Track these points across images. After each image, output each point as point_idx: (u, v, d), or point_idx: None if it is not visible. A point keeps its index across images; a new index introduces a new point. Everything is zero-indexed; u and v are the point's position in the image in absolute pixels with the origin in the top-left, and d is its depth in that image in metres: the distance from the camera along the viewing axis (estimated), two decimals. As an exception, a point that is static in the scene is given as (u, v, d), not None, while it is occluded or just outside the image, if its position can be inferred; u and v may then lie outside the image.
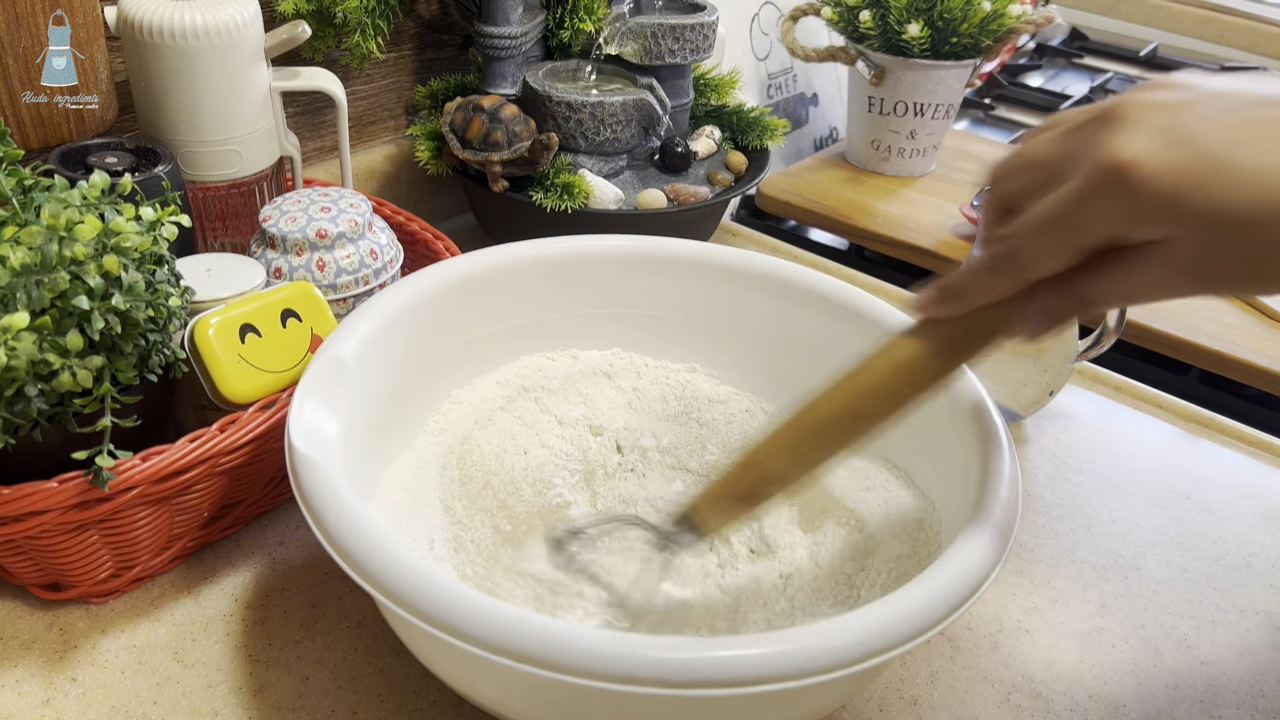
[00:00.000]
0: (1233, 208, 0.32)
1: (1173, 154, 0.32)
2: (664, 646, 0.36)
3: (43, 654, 0.50)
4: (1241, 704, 0.53)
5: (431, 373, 0.59)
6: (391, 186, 0.89)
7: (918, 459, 0.55)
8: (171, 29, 0.60)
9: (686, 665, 0.35)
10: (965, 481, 0.47)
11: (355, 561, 0.39)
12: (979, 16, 0.96)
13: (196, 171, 0.66)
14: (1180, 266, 0.33)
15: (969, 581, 0.40)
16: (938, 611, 0.38)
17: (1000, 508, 0.43)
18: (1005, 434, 0.48)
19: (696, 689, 0.35)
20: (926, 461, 0.54)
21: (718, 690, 0.35)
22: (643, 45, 0.83)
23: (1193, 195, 0.32)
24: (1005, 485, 0.44)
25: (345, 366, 0.50)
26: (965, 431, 0.49)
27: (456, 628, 0.36)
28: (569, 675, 0.35)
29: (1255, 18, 1.58)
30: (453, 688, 0.46)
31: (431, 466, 0.56)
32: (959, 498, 0.48)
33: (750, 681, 0.36)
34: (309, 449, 0.44)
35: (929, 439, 0.53)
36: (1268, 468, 0.71)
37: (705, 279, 0.63)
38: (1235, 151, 0.32)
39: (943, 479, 0.52)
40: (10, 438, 0.45)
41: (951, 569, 0.40)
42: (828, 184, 1.07)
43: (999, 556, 0.41)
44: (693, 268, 0.63)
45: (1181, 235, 0.33)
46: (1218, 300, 0.89)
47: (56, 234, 0.43)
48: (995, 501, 0.43)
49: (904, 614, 0.38)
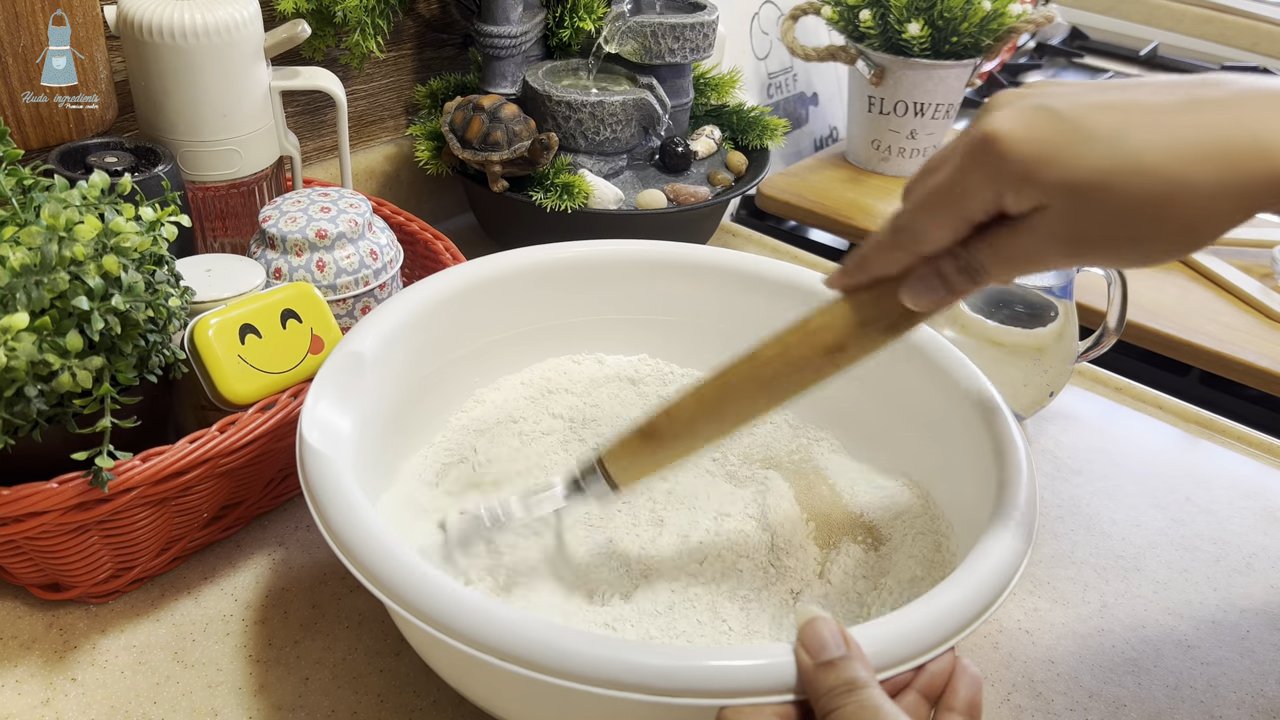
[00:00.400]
0: (1089, 173, 0.34)
1: (1033, 124, 0.35)
2: (657, 654, 0.36)
3: (43, 654, 0.50)
4: (1241, 704, 0.53)
5: (455, 371, 0.59)
6: (391, 186, 0.89)
7: (939, 479, 0.54)
8: (171, 28, 0.60)
9: (676, 673, 0.35)
10: (982, 500, 0.47)
11: (355, 557, 0.40)
12: (979, 16, 0.96)
13: (196, 171, 0.66)
14: (1056, 233, 0.36)
15: (973, 604, 0.40)
16: (940, 632, 0.38)
17: (1012, 534, 0.43)
18: (1026, 461, 0.47)
19: (690, 698, 0.35)
20: (947, 482, 0.53)
21: (708, 700, 0.35)
22: (642, 44, 0.83)
23: (1051, 160, 0.34)
24: (1020, 508, 0.44)
25: (363, 362, 0.50)
26: (985, 450, 0.49)
27: (452, 628, 0.37)
28: (563, 679, 0.36)
29: (1255, 17, 1.58)
30: (451, 685, 0.46)
31: (448, 462, 0.56)
32: (975, 513, 0.47)
33: (732, 693, 0.36)
34: (320, 443, 0.44)
35: (949, 455, 0.53)
36: (1268, 468, 0.71)
37: (735, 287, 0.62)
38: (1088, 120, 0.34)
39: (959, 497, 0.52)
40: (10, 438, 0.45)
41: (958, 589, 0.40)
42: (828, 184, 1.07)
43: (1006, 582, 0.41)
44: (724, 275, 0.63)
45: (1051, 202, 0.35)
46: (1218, 301, 0.89)
47: (56, 234, 0.43)
48: (1008, 525, 0.43)
49: (904, 632, 0.38)
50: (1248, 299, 0.89)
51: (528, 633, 0.36)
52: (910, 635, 0.38)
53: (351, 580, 0.55)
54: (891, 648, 0.37)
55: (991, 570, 0.41)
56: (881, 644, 0.37)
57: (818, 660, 0.35)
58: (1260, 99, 0.34)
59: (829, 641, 0.36)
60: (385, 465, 0.54)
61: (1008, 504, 0.44)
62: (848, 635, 0.36)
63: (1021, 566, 0.42)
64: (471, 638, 0.36)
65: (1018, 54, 1.58)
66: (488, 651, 0.36)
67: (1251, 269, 0.93)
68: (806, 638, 0.36)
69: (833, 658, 0.35)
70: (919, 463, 0.56)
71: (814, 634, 0.36)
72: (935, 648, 0.38)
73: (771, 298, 0.61)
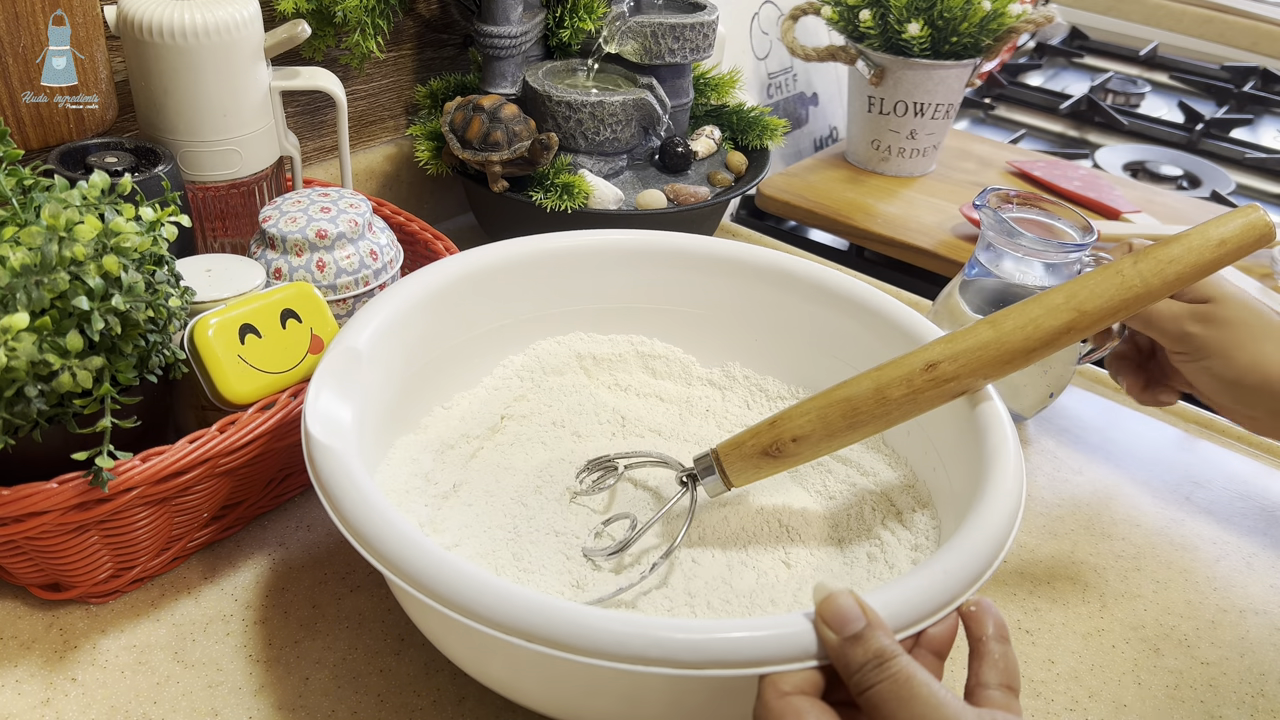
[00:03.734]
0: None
1: None
2: (672, 627, 0.37)
3: (43, 654, 0.50)
4: (1241, 704, 0.53)
5: (449, 362, 0.60)
6: (391, 186, 0.89)
7: (927, 461, 0.55)
8: (171, 28, 0.60)
9: (695, 646, 0.36)
10: (971, 472, 0.48)
11: (372, 545, 0.40)
12: (979, 16, 0.96)
13: (196, 171, 0.66)
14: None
15: (977, 560, 0.41)
16: (945, 594, 0.40)
17: (997, 517, 0.44)
18: (1017, 462, 0.48)
19: (706, 669, 0.36)
20: (939, 461, 0.54)
21: (725, 671, 0.36)
22: (642, 44, 0.83)
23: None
24: (1009, 476, 0.46)
25: (360, 356, 0.51)
26: (975, 456, 0.50)
27: (470, 609, 0.37)
28: (580, 655, 0.36)
29: (1255, 17, 1.58)
30: (464, 669, 0.46)
31: (442, 440, 0.57)
32: (965, 488, 0.49)
33: (757, 662, 0.36)
34: (325, 436, 0.44)
35: (937, 439, 0.54)
36: (1268, 468, 0.71)
37: (738, 279, 0.63)
38: None
39: (951, 478, 0.53)
40: (10, 438, 0.45)
41: (955, 554, 0.41)
42: (828, 184, 1.07)
43: (1002, 544, 0.43)
44: (728, 267, 0.63)
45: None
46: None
47: (56, 234, 0.43)
48: (992, 509, 0.44)
49: (912, 596, 0.39)
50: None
51: (550, 612, 0.37)
52: (917, 599, 0.39)
53: (352, 580, 0.55)
54: (900, 613, 0.39)
55: (988, 531, 0.43)
56: (893, 608, 0.38)
57: (843, 635, 0.36)
58: None
59: (850, 615, 0.37)
60: (379, 450, 0.54)
61: (997, 473, 0.46)
62: (866, 605, 0.37)
63: (1016, 522, 0.44)
64: (486, 618, 0.37)
65: (1018, 54, 1.58)
66: (504, 631, 0.37)
67: (1251, 269, 0.93)
68: (827, 613, 0.37)
69: (857, 631, 0.36)
70: (911, 448, 0.58)
71: (834, 609, 0.37)
72: (941, 610, 0.40)
73: (751, 283, 0.63)
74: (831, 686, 0.37)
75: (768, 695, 0.36)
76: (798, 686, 0.36)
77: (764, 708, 0.36)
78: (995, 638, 0.39)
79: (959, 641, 0.41)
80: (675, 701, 0.41)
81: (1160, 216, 1.02)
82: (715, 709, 0.41)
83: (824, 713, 0.36)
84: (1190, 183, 1.23)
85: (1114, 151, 1.29)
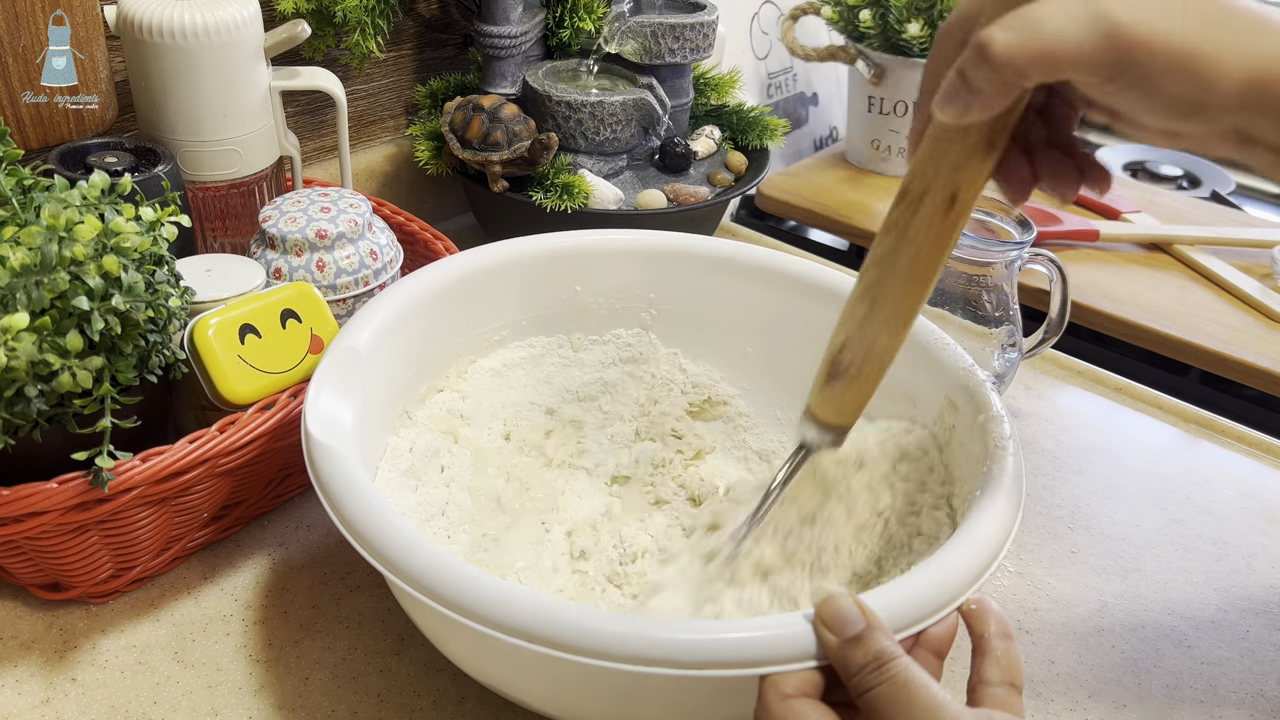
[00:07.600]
0: None
1: None
2: (672, 628, 0.37)
3: (43, 654, 0.50)
4: (1241, 704, 0.53)
5: (449, 362, 0.60)
6: (391, 186, 0.89)
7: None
8: (171, 28, 0.60)
9: (695, 646, 0.36)
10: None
11: (372, 545, 0.40)
12: (979, 16, 0.96)
13: (196, 171, 0.66)
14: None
15: (977, 560, 0.41)
16: (945, 594, 0.39)
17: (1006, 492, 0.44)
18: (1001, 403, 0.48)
19: (706, 670, 0.36)
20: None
21: (725, 671, 0.36)
22: (642, 44, 0.83)
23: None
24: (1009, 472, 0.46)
25: (360, 356, 0.51)
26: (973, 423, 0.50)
27: (471, 609, 0.37)
28: (581, 656, 0.36)
29: (1255, 17, 1.57)
30: (464, 669, 0.46)
31: (436, 437, 0.57)
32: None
33: (757, 663, 0.36)
34: (325, 436, 0.44)
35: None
36: (1268, 468, 0.71)
37: (738, 279, 0.63)
38: None
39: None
40: (10, 438, 0.45)
41: (955, 554, 0.41)
42: (828, 184, 1.07)
43: (1003, 542, 0.43)
44: (728, 268, 0.63)
45: None
46: (1218, 301, 0.89)
47: (56, 234, 0.43)
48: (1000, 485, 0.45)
49: (912, 597, 0.39)
50: (1247, 299, 0.89)
51: (550, 613, 0.37)
52: (917, 600, 0.39)
53: (351, 580, 0.55)
54: (900, 613, 0.38)
55: (988, 531, 0.42)
56: (893, 609, 0.38)
57: (842, 637, 0.36)
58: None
59: (849, 617, 0.37)
60: (379, 450, 0.54)
61: (996, 473, 0.46)
62: (865, 607, 0.37)
63: (1016, 521, 0.44)
64: (486, 618, 0.37)
65: (1018, 54, 1.58)
66: (513, 633, 0.37)
67: (1251, 269, 0.93)
68: (827, 615, 0.37)
69: (857, 633, 0.36)
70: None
71: (833, 611, 0.37)
72: (941, 610, 0.39)
73: (751, 282, 0.63)
74: (832, 686, 0.37)
75: (769, 698, 0.36)
76: (799, 688, 0.36)
77: (765, 710, 0.36)
78: (997, 635, 0.39)
79: (959, 641, 0.40)
80: (675, 702, 0.41)
81: (1160, 216, 1.02)
82: (715, 709, 0.41)
83: (825, 715, 0.36)
84: (1190, 183, 1.23)
85: (1114, 151, 1.29)
